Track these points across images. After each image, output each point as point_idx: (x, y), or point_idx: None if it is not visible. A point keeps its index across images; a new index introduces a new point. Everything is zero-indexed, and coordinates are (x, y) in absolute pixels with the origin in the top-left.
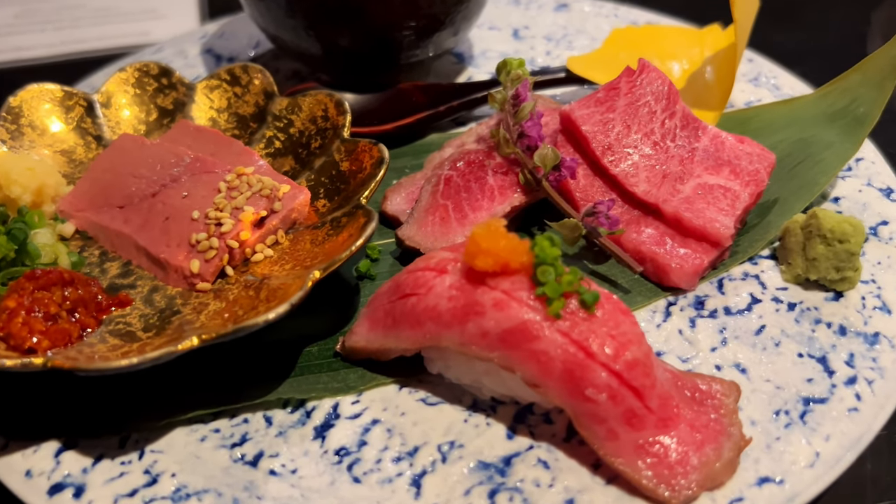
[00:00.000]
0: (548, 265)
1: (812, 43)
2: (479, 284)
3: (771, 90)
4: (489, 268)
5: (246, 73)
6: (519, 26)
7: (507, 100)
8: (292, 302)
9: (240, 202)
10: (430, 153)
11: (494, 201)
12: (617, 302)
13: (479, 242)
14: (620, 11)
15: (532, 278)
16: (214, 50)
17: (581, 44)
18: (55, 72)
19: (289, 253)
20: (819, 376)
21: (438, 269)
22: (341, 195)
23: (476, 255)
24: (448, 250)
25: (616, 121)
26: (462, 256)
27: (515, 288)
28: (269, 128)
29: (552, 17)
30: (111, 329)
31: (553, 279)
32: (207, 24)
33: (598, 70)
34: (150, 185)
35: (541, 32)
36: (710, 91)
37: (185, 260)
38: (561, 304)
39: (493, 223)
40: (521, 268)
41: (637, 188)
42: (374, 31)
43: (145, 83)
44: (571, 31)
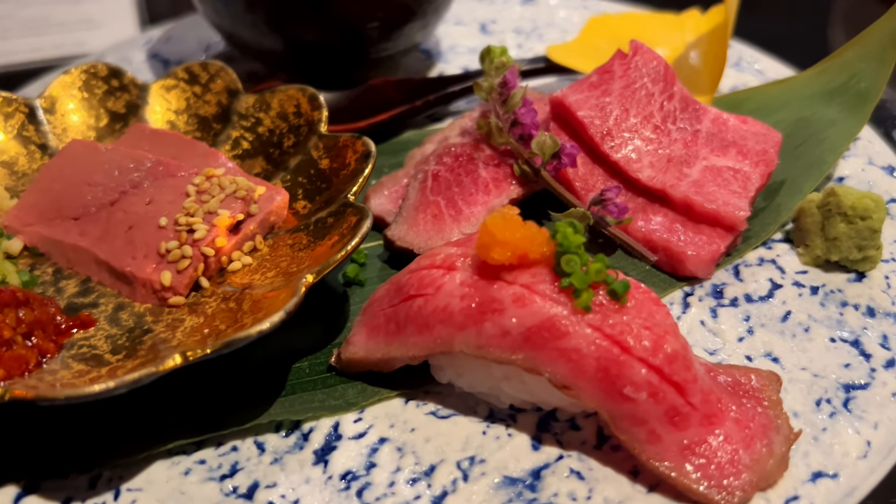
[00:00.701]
0: (572, 254)
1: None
2: (495, 279)
3: (755, 74)
4: (506, 260)
5: (206, 71)
6: (486, 21)
7: (494, 88)
8: (287, 309)
9: (213, 206)
10: (409, 151)
11: (490, 194)
12: (647, 290)
13: (493, 233)
14: (589, 3)
15: (554, 269)
16: (161, 55)
17: (552, 36)
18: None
19: (269, 260)
20: (856, 361)
21: (446, 266)
22: (323, 195)
23: (491, 246)
24: (453, 245)
25: (613, 105)
26: (472, 250)
27: (536, 281)
28: (235, 128)
29: (519, 11)
30: (74, 354)
31: (579, 269)
32: (150, 30)
33: (580, 58)
34: (108, 193)
35: (509, 26)
36: (698, 76)
37: (155, 272)
38: (590, 295)
39: (506, 211)
40: (542, 259)
41: (641, 174)
42: (342, 23)
43: (93, 86)
44: (541, 24)
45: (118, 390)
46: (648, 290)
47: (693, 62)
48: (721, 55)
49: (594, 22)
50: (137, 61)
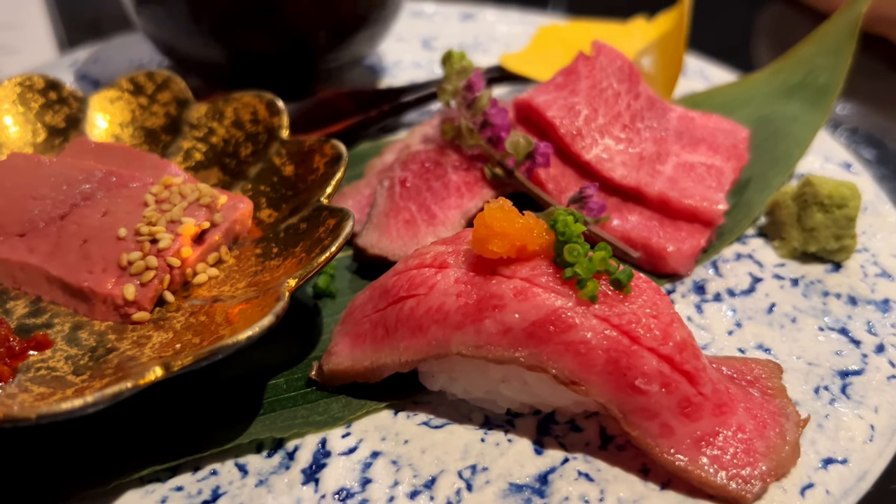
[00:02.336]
0: (574, 243)
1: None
2: (493, 274)
3: (703, 81)
4: (504, 253)
5: (152, 81)
6: (427, 37)
7: (459, 91)
8: (276, 312)
9: (176, 214)
10: (367, 161)
11: (464, 198)
12: (648, 280)
13: (491, 225)
14: (528, 19)
15: (554, 261)
16: (90, 75)
17: (497, 49)
18: None
19: (237, 271)
20: (847, 348)
21: (438, 265)
22: (290, 202)
23: (489, 239)
24: (440, 243)
25: (581, 104)
26: (464, 246)
27: (537, 273)
28: (187, 139)
29: (459, 27)
30: (32, 377)
31: (583, 256)
32: (75, 52)
33: (534, 66)
34: (57, 207)
35: (451, 42)
36: (653, 81)
37: (116, 286)
38: (595, 285)
39: (503, 202)
40: (541, 250)
41: (614, 173)
42: (291, 31)
43: (29, 99)
44: (483, 39)
45: (98, 406)
46: (649, 280)
47: (646, 68)
48: (676, 60)
49: (544, 32)
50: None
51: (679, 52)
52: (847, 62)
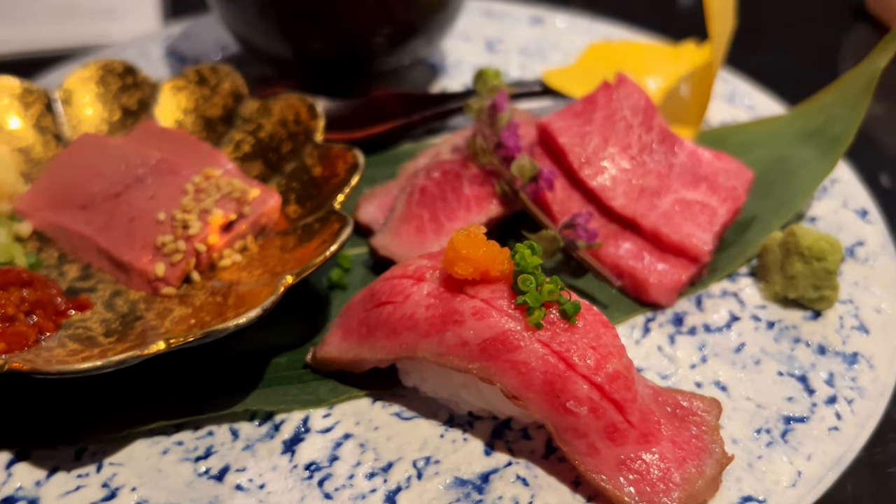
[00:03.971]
0: (528, 274)
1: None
2: (458, 293)
3: (746, 110)
4: (469, 275)
5: (215, 75)
6: (493, 39)
7: (483, 109)
8: (264, 307)
9: (208, 205)
10: (404, 162)
11: (471, 212)
12: (597, 313)
13: (458, 249)
14: (595, 27)
15: (512, 287)
16: (179, 52)
17: (555, 59)
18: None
19: (258, 259)
20: (799, 395)
21: (416, 277)
22: (313, 201)
23: (455, 261)
24: (425, 258)
25: (593, 134)
26: (440, 264)
27: (495, 297)
28: (238, 131)
29: (526, 32)
30: (70, 334)
31: (534, 288)
32: (170, 26)
33: (575, 84)
34: (114, 186)
35: (515, 46)
36: (685, 108)
37: (150, 263)
38: (542, 313)
39: (472, 230)
40: (502, 276)
41: (614, 202)
42: (348, 36)
43: (109, 81)
44: (546, 46)
45: (105, 369)
46: (599, 313)
47: (683, 94)
48: (705, 91)
49: (594, 49)
50: (155, 56)
51: (708, 84)
52: (861, 115)
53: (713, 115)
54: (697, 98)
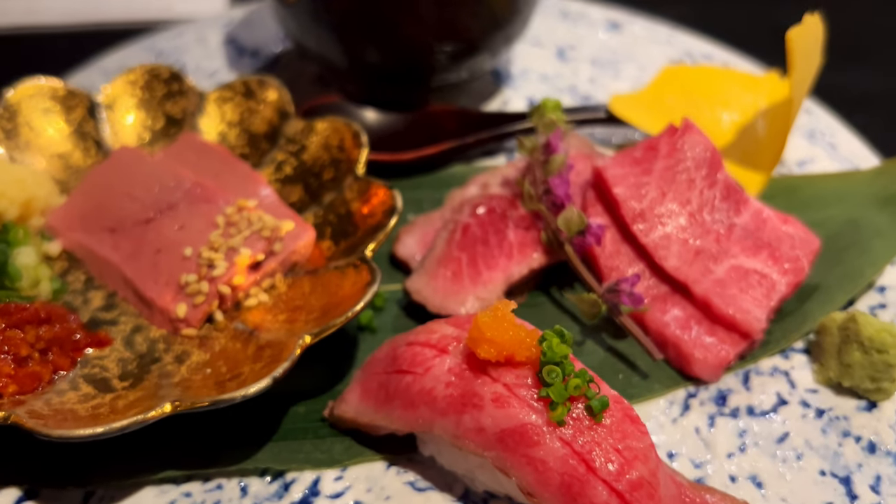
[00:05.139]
0: (555, 365)
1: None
2: (480, 374)
3: (826, 149)
4: (492, 358)
5: (262, 88)
6: (565, 45)
7: (537, 147)
8: (275, 376)
9: (236, 242)
10: (452, 186)
11: (512, 260)
12: (627, 407)
13: (483, 330)
14: (675, 38)
15: (538, 374)
16: (238, 41)
17: (628, 73)
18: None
19: (284, 301)
20: (840, 500)
21: (439, 348)
22: (348, 239)
23: (479, 342)
24: (451, 325)
25: (651, 185)
26: (466, 334)
27: (518, 383)
28: (281, 151)
29: (601, 38)
30: (86, 373)
31: (559, 381)
32: (234, 9)
33: (643, 113)
34: (145, 210)
35: (587, 54)
36: (760, 149)
37: (172, 302)
38: (565, 410)
39: (500, 309)
40: (528, 361)
41: (667, 262)
42: (406, 51)
43: (154, 87)
44: (620, 57)
45: (106, 435)
46: (628, 408)
47: (758, 132)
48: (784, 132)
49: (667, 73)
50: (213, 44)
51: (786, 125)
52: None
53: (790, 152)
54: (774, 139)
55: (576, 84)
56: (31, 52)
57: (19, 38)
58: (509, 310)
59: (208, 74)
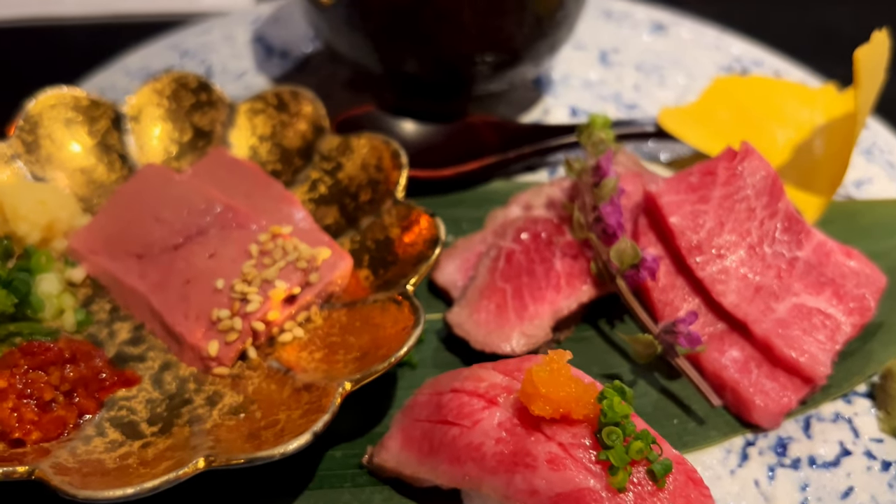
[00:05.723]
0: (615, 427)
1: None
2: (534, 430)
3: (885, 168)
4: (547, 415)
5: (296, 101)
6: (608, 48)
7: (586, 170)
8: (315, 431)
9: (271, 274)
10: (493, 204)
11: (560, 293)
12: (690, 470)
13: (538, 385)
14: (723, 42)
15: (596, 434)
16: (266, 39)
17: (674, 81)
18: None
19: (320, 336)
20: None
21: (488, 399)
22: (388, 269)
23: (533, 398)
24: (500, 372)
25: (709, 215)
26: (518, 385)
27: (575, 443)
28: (315, 168)
29: (646, 41)
30: (112, 416)
31: (620, 443)
32: (261, 4)
33: (693, 127)
34: (173, 235)
35: (631, 59)
36: (818, 170)
37: (203, 339)
38: (626, 475)
39: (555, 361)
40: (585, 419)
41: (725, 299)
42: (447, 61)
43: (181, 97)
44: (666, 62)
45: (135, 497)
46: (691, 470)
47: (816, 151)
48: (846, 152)
49: (719, 84)
50: (240, 42)
51: (849, 144)
52: None
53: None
54: (833, 159)
55: (620, 91)
56: (48, 46)
57: (35, 30)
58: (565, 361)
59: (236, 76)
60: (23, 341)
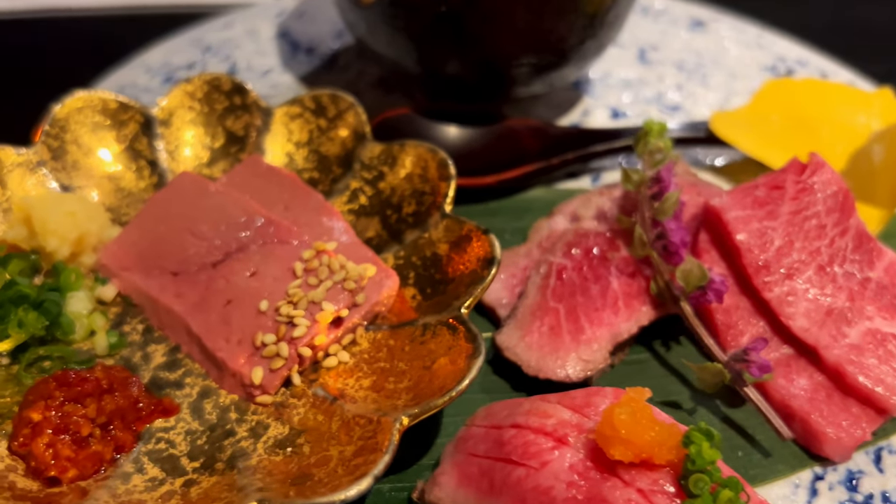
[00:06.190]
0: (703, 474)
1: None
2: (610, 475)
3: None
4: (627, 460)
5: (334, 105)
6: (646, 46)
7: (645, 182)
8: (375, 474)
9: (318, 296)
10: (534, 213)
11: (619, 315)
12: None
13: (618, 429)
14: (765, 41)
15: (680, 481)
16: (291, 34)
17: (718, 80)
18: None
19: (367, 360)
20: None
21: (556, 438)
22: (437, 289)
23: (613, 443)
24: (568, 407)
25: (777, 231)
26: (590, 423)
27: (656, 489)
28: (356, 177)
29: (685, 38)
30: (150, 449)
31: (707, 491)
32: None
33: (745, 133)
34: (212, 252)
35: (671, 57)
36: (877, 180)
37: (247, 365)
38: None
39: (636, 402)
40: (668, 464)
41: (793, 322)
42: (491, 63)
43: (214, 100)
44: (707, 61)
45: None
46: None
47: (874, 160)
48: None
49: (770, 87)
50: (264, 37)
51: None
52: None
53: None
54: (892, 168)
55: (662, 92)
56: (62, 38)
57: (48, 21)
58: (644, 399)
59: (261, 74)
60: (52, 365)
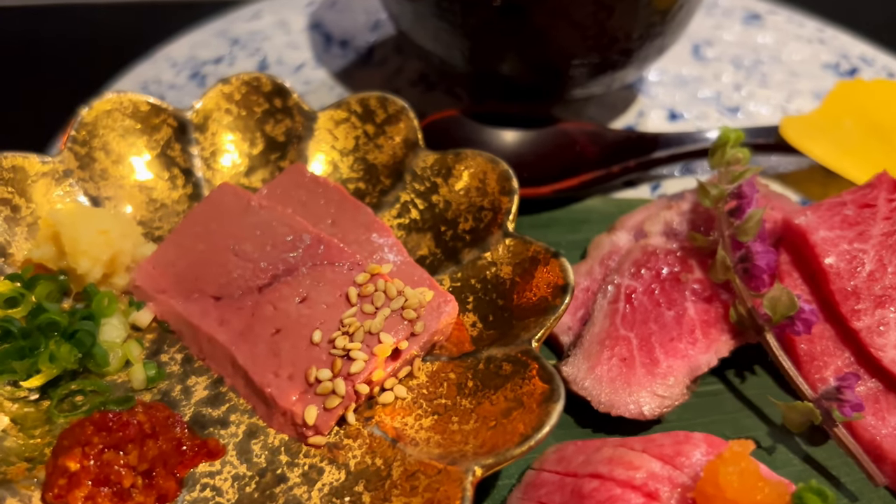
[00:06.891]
0: None
1: None
2: None
3: None
4: None
5: (383, 109)
6: (700, 40)
7: (724, 198)
8: None
9: (375, 326)
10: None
11: (696, 345)
12: None
13: (724, 488)
14: (825, 36)
15: None
16: (324, 25)
17: (778, 79)
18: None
19: (426, 397)
20: None
21: (646, 493)
22: (500, 317)
23: (715, 502)
24: (656, 457)
25: (868, 255)
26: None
27: None
28: (406, 190)
29: (740, 32)
30: (195, 498)
31: None
32: None
33: (819, 140)
34: (257, 274)
35: (727, 52)
36: None
37: (299, 403)
38: None
39: (742, 459)
40: None
41: (884, 354)
42: (548, 63)
43: (252, 102)
44: (765, 57)
45: None
46: None
47: None
48: None
49: (842, 88)
50: (295, 29)
51: None
52: None
53: None
54: None
55: (720, 91)
56: (77, 29)
57: (65, 9)
58: (749, 453)
59: (293, 69)
60: (85, 401)
